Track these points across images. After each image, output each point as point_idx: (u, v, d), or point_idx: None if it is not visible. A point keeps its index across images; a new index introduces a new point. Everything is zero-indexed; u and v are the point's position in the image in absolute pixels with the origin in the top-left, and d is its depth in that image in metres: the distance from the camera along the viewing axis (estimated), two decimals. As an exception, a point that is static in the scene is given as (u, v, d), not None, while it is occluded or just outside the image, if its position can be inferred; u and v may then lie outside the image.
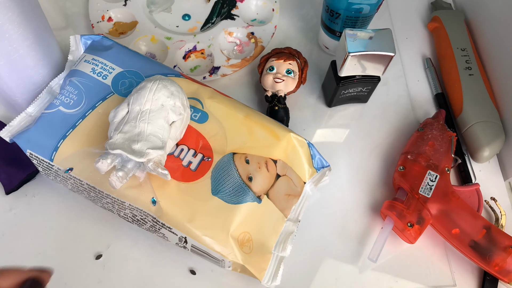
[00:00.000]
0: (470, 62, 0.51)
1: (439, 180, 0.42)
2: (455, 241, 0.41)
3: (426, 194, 0.41)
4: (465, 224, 0.41)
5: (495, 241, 0.40)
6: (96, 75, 0.41)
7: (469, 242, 0.40)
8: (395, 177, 0.44)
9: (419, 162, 0.43)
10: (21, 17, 0.36)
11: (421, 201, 0.41)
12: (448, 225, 0.41)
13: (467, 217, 0.41)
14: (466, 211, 0.41)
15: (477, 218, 0.41)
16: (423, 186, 0.41)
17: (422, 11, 0.59)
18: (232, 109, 0.41)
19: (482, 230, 0.40)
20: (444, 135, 0.45)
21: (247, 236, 0.37)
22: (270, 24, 0.54)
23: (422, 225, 0.40)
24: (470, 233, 0.40)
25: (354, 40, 0.41)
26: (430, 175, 0.42)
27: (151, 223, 0.37)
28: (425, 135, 0.45)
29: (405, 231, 0.40)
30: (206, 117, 0.40)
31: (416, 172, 0.43)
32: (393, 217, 0.41)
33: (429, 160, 0.43)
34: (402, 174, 0.43)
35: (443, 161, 0.43)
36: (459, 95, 0.49)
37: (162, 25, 0.53)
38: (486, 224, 0.41)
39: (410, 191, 0.42)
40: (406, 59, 0.55)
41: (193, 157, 0.38)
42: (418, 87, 0.53)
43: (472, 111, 0.48)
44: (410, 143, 0.45)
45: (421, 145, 0.44)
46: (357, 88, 0.47)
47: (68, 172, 0.37)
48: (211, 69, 0.50)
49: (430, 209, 0.41)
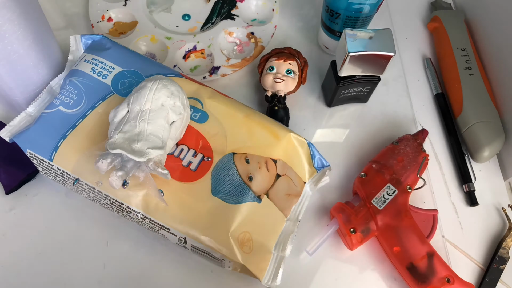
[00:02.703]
0: (470, 62, 0.51)
1: (397, 196, 0.41)
2: (394, 259, 0.40)
3: (378, 206, 0.41)
4: (408, 245, 0.40)
5: (433, 270, 0.39)
6: (96, 74, 0.41)
7: (407, 264, 0.40)
8: (355, 182, 0.43)
9: (382, 173, 0.42)
10: (21, 17, 0.36)
11: (371, 211, 0.41)
12: (392, 241, 0.40)
13: (412, 239, 0.40)
14: (414, 233, 0.40)
15: (423, 242, 0.40)
16: (378, 197, 0.41)
17: (422, 11, 0.59)
18: (232, 109, 0.41)
19: (424, 255, 0.39)
20: (416, 154, 0.44)
21: (247, 236, 0.37)
22: (270, 24, 0.54)
23: (366, 235, 0.40)
24: (410, 255, 0.40)
25: (354, 40, 0.41)
26: (388, 189, 0.41)
27: (149, 224, 0.37)
28: (397, 149, 0.44)
29: (347, 236, 0.40)
30: (206, 117, 0.40)
31: (376, 182, 0.42)
32: (339, 219, 0.41)
33: (393, 174, 0.42)
34: (362, 180, 0.43)
35: (407, 179, 0.42)
36: (459, 95, 0.49)
37: (162, 25, 0.53)
38: (430, 251, 0.40)
39: (364, 198, 0.41)
40: (406, 59, 0.55)
41: (193, 157, 0.38)
42: (418, 87, 0.53)
43: (472, 111, 0.48)
44: (381, 154, 0.45)
45: (390, 158, 0.43)
46: (357, 88, 0.47)
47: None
48: (211, 69, 0.50)
49: (378, 221, 0.40)
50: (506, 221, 0.46)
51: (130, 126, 0.35)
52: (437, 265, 0.39)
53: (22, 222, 0.42)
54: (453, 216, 0.46)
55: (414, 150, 0.44)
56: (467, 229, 0.45)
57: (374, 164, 0.43)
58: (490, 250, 0.45)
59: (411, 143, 0.45)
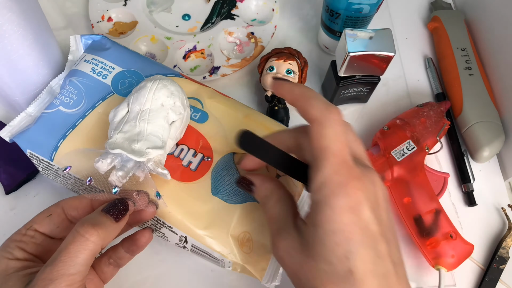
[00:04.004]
0: (470, 62, 0.51)
1: (414, 153, 0.43)
2: (403, 209, 0.43)
3: (396, 157, 0.43)
4: (418, 199, 0.42)
5: (439, 224, 0.41)
6: (96, 74, 0.41)
7: (415, 215, 0.42)
8: (377, 134, 0.46)
9: (404, 130, 0.44)
10: (21, 17, 0.36)
11: (389, 161, 0.43)
12: (403, 192, 0.43)
13: (423, 193, 0.42)
14: (425, 189, 0.43)
15: (432, 199, 0.42)
16: (397, 150, 0.43)
17: (422, 11, 0.59)
18: (232, 109, 0.41)
19: (432, 210, 0.42)
20: (438, 119, 0.46)
21: (247, 236, 0.37)
22: (270, 24, 0.54)
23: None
24: (419, 207, 0.42)
25: (354, 40, 0.41)
26: (408, 144, 0.43)
27: (152, 221, 0.37)
28: (421, 111, 0.46)
29: None
30: (206, 117, 0.40)
31: (397, 136, 0.44)
32: None
33: (414, 133, 0.44)
34: (384, 133, 0.45)
35: (427, 139, 0.45)
36: (459, 95, 0.49)
37: (162, 25, 0.53)
38: (438, 207, 0.42)
39: (383, 149, 0.44)
40: (406, 59, 0.55)
41: (193, 157, 0.38)
42: (418, 87, 0.53)
43: (472, 111, 0.48)
44: (406, 113, 0.47)
45: (414, 117, 0.46)
46: (357, 88, 0.47)
47: (67, 170, 0.37)
48: (211, 69, 0.50)
49: (395, 171, 0.43)
50: (506, 221, 0.46)
51: (130, 126, 0.35)
52: (443, 221, 0.42)
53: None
54: (453, 216, 0.46)
55: (437, 115, 0.46)
56: (467, 229, 0.46)
57: (398, 120, 0.46)
58: (490, 250, 0.45)
59: (435, 109, 0.47)
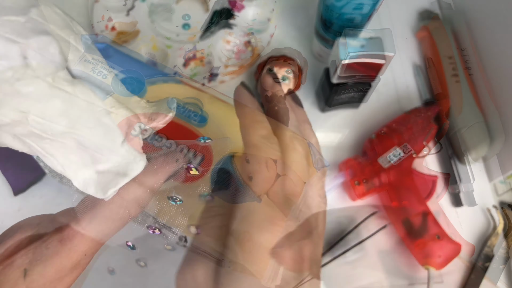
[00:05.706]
0: (456, 70, 0.53)
1: (401, 159, 0.45)
2: (392, 213, 0.44)
3: (383, 164, 0.44)
4: (406, 202, 0.44)
5: (426, 227, 0.43)
6: (96, 74, 0.42)
7: (403, 219, 0.43)
8: (365, 142, 0.48)
9: (391, 137, 0.46)
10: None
11: (376, 168, 0.45)
12: (391, 197, 0.44)
13: (411, 198, 0.44)
14: (413, 193, 0.44)
15: (420, 202, 0.44)
16: (384, 157, 0.45)
17: (411, 21, 0.61)
18: (231, 112, 0.42)
19: (420, 213, 0.43)
20: (425, 124, 0.47)
21: (247, 236, 0.38)
22: (266, 33, 0.56)
23: (369, 189, 0.44)
24: (407, 211, 0.43)
25: (346, 48, 0.43)
26: (395, 151, 0.45)
27: (153, 221, 0.38)
28: (408, 118, 0.48)
29: (351, 188, 0.44)
30: (205, 120, 0.41)
31: (384, 144, 0.46)
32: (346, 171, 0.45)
33: (401, 139, 0.46)
34: (372, 141, 0.47)
35: (414, 144, 0.46)
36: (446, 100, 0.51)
37: (163, 34, 0.55)
38: (426, 210, 0.43)
39: (371, 156, 0.46)
40: (395, 66, 0.57)
41: (193, 157, 0.39)
42: (407, 93, 0.55)
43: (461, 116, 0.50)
44: (393, 121, 0.49)
45: (401, 124, 0.47)
46: (350, 94, 0.49)
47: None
48: (210, 76, 0.52)
49: (382, 178, 0.44)
50: (491, 221, 0.48)
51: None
52: (430, 223, 0.43)
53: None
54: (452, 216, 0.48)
55: (424, 120, 0.48)
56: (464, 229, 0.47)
57: (386, 128, 0.48)
58: (477, 249, 0.46)
59: (423, 114, 0.48)
